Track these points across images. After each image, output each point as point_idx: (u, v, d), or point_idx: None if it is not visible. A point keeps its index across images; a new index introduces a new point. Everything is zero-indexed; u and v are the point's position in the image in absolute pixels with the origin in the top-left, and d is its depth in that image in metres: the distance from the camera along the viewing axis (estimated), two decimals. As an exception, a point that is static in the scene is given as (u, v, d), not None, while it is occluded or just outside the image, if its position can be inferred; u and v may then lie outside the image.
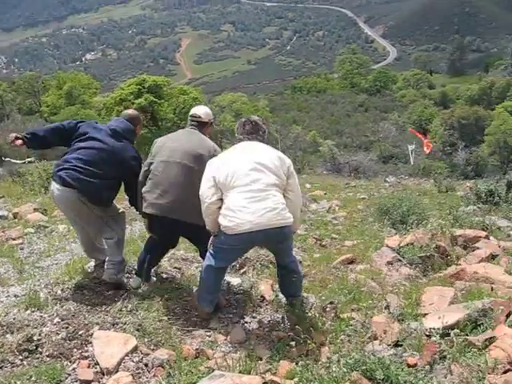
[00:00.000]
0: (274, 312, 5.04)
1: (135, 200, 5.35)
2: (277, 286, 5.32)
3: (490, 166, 43.70)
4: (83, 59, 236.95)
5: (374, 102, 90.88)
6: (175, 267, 6.15)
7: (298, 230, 10.05)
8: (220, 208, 4.60)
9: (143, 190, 5.23)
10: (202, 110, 5.57)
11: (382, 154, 51.98)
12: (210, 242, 4.79)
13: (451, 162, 44.77)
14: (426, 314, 5.09)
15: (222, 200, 4.61)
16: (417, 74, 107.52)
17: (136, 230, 8.46)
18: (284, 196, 4.65)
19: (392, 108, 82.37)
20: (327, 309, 4.97)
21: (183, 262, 6.44)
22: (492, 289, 5.72)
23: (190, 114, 5.59)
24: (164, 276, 5.79)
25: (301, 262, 6.98)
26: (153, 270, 5.77)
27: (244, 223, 4.40)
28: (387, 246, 7.89)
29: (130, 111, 5.66)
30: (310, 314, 4.86)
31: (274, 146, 49.14)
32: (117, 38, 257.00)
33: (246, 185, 4.48)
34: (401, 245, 7.77)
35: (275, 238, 4.56)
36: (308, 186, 23.30)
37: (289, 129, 64.29)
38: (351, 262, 7.21)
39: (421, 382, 3.53)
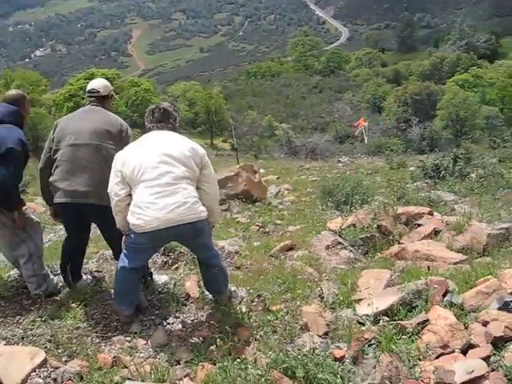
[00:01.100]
0: (198, 310, 4.75)
1: (22, 189, 4.93)
2: (204, 281, 5.03)
3: (444, 140, 44.10)
4: (32, 56, 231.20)
5: (328, 82, 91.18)
6: (96, 270, 5.78)
7: (241, 218, 9.87)
8: (129, 205, 4.29)
9: (52, 178, 4.84)
10: (99, 84, 5.20)
11: (338, 135, 52.11)
12: (122, 241, 4.48)
13: (406, 138, 45.03)
14: (360, 300, 4.88)
15: (131, 196, 4.30)
16: (369, 53, 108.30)
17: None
18: (198, 188, 4.37)
19: (346, 88, 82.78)
20: (254, 302, 4.70)
21: (111, 261, 6.08)
22: (429, 268, 5.54)
23: (88, 89, 5.20)
24: (85, 278, 5.43)
25: (238, 252, 6.74)
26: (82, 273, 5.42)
27: (152, 220, 4.10)
28: (329, 229, 7.72)
29: (11, 92, 5.13)
30: (236, 310, 4.58)
31: (229, 132, 48.74)
32: (66, 33, 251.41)
33: (154, 179, 4.19)
34: (342, 227, 7.60)
35: (188, 235, 4.28)
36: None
37: (244, 115, 64.03)
38: (290, 248, 7.01)
39: (339, 380, 3.27)
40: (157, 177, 4.19)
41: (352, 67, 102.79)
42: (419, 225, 7.74)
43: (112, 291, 4.93)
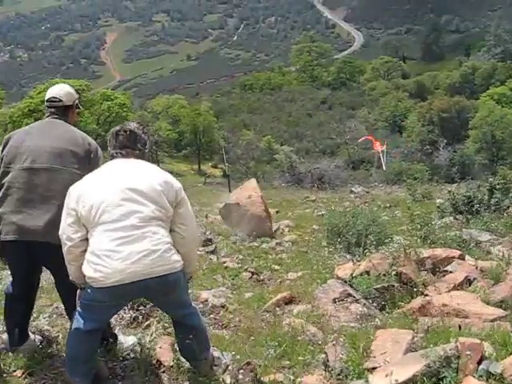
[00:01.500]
0: (172, 382, 4.58)
1: None
2: (180, 345, 4.88)
3: (477, 166, 44.31)
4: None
5: (338, 97, 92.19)
6: (45, 330, 5.61)
7: (230, 263, 9.75)
8: (86, 251, 4.15)
9: (0, 209, 4.71)
10: (61, 91, 5.12)
11: (350, 159, 52.51)
12: (77, 296, 4.33)
13: (432, 164, 45.27)
14: (374, 369, 4.72)
15: (87, 240, 4.17)
16: (388, 62, 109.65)
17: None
18: (172, 231, 4.26)
19: (360, 103, 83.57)
20: (242, 371, 4.54)
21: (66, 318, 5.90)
22: (460, 327, 5.39)
23: (47, 98, 5.09)
24: (33, 337, 5.24)
25: (224, 306, 6.60)
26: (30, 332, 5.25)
27: (113, 273, 3.97)
28: (337, 277, 7.61)
29: None
30: (220, 381, 4.42)
31: (220, 156, 48.86)
32: (27, 36, 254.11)
33: (116, 220, 4.07)
34: (354, 274, 7.49)
35: (158, 290, 4.16)
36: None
37: (238, 135, 64.38)
38: (289, 301, 6.90)
39: None
40: (120, 218, 4.07)
41: (367, 79, 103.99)
42: (448, 272, 7.61)
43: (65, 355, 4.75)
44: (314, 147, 63.06)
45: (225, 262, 9.76)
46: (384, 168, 39.60)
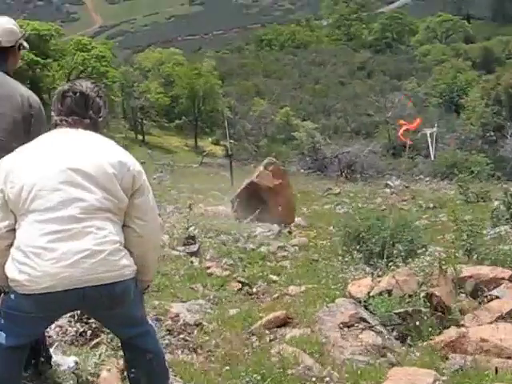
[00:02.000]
0: (118, 419, 4.58)
1: None
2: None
3: (554, 161, 44.06)
4: None
5: (381, 62, 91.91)
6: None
7: (216, 269, 9.74)
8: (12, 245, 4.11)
9: None
10: None
11: (390, 144, 52.28)
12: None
13: (496, 155, 45.01)
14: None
15: (15, 231, 4.13)
16: (447, 21, 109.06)
17: None
18: (126, 227, 4.22)
19: (409, 72, 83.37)
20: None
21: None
22: (496, 370, 5.37)
23: None
24: None
25: (200, 324, 6.61)
26: None
27: (41, 277, 3.91)
28: (349, 295, 7.60)
29: None
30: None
31: (223, 130, 48.96)
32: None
33: (51, 209, 3.99)
34: (371, 293, 7.47)
35: (100, 302, 4.09)
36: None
37: (249, 104, 64.23)
38: (284, 323, 6.89)
39: None
40: (56, 206, 4.00)
41: (419, 41, 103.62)
42: (493, 297, 7.58)
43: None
44: (344, 125, 63.01)
45: (209, 268, 9.75)
46: (432, 157, 39.48)
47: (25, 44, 5.24)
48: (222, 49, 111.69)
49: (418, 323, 6.92)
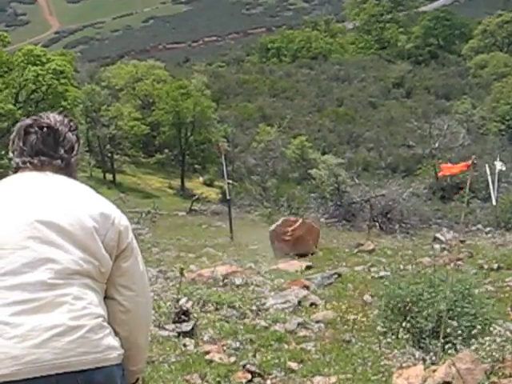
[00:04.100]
0: None
1: None
2: None
3: None
4: None
5: (424, 77, 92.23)
6: None
7: (217, 354, 9.69)
8: None
9: None
10: None
11: (438, 184, 52.38)
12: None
13: None
14: None
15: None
16: (510, 22, 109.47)
17: None
18: (109, 299, 4.20)
19: (461, 90, 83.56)
20: None
21: None
22: None
23: None
24: None
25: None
26: None
27: (2, 361, 3.90)
28: (396, 389, 7.57)
29: None
30: None
31: (219, 167, 48.96)
32: None
33: (14, 272, 3.99)
34: (425, 387, 7.45)
35: None
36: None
37: (252, 132, 64.32)
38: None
39: None
40: (21, 268, 3.98)
41: (474, 48, 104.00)
42: None
43: None
44: (377, 160, 63.11)
45: (208, 353, 9.70)
46: (494, 201, 39.41)
47: None
48: (215, 60, 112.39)
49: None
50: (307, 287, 15.34)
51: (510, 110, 69.01)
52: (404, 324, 9.74)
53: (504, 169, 41.42)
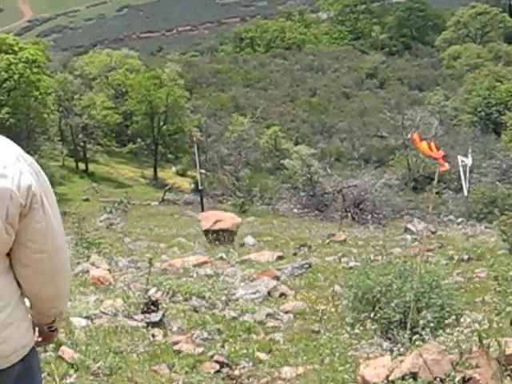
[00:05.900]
0: None
1: None
2: None
3: None
4: None
5: (397, 68, 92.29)
6: None
7: (186, 345, 9.68)
8: None
9: None
10: None
11: (411, 174, 52.49)
12: None
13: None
14: None
15: None
16: (483, 14, 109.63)
17: None
18: (16, 261, 3.75)
19: (434, 81, 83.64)
20: None
21: None
22: None
23: None
24: None
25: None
26: None
27: None
28: (362, 379, 7.58)
29: None
30: None
31: (192, 157, 49.06)
32: None
33: None
34: (391, 377, 7.47)
35: None
36: (250, 240, 23.10)
37: (226, 122, 64.14)
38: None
39: None
40: None
41: (447, 39, 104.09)
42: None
43: None
44: (350, 151, 63.10)
45: (177, 343, 9.69)
46: (465, 192, 39.45)
47: None
48: (189, 50, 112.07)
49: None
50: (278, 277, 15.33)
51: (482, 101, 69.11)
52: (372, 315, 9.75)
53: (470, 163, 41.50)
